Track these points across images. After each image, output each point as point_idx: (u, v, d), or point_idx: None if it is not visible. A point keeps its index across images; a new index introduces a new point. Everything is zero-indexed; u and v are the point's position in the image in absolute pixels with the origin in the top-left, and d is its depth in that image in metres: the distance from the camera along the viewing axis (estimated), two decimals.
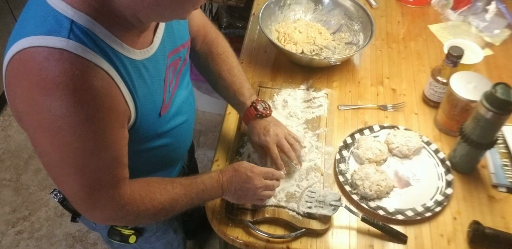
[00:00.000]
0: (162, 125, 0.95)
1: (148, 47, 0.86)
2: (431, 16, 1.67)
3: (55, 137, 0.74)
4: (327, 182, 1.13)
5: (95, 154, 0.78)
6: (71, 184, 0.81)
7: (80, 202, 0.84)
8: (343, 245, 1.04)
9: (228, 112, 1.30)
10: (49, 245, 2.02)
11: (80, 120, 0.73)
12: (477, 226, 1.04)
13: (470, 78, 1.20)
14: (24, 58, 0.71)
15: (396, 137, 1.21)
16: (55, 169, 0.81)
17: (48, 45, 0.70)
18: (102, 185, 0.82)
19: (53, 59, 0.70)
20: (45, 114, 0.72)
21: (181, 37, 0.98)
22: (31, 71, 0.71)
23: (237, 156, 1.18)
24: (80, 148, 0.76)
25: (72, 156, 0.76)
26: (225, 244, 1.12)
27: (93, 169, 0.79)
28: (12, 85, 0.76)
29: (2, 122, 2.48)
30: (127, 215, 0.87)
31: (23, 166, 2.30)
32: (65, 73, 0.70)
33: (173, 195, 0.92)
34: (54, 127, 0.73)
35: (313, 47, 1.47)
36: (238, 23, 2.48)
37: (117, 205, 0.85)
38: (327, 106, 1.31)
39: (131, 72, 0.80)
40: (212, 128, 2.45)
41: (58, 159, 0.78)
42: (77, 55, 0.71)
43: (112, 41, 0.76)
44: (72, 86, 0.70)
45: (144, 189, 0.89)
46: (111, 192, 0.83)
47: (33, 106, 0.73)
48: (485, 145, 1.11)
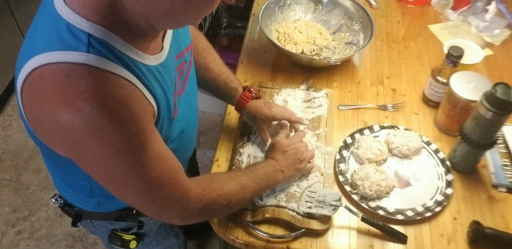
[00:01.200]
0: (173, 129, 0.95)
1: (160, 53, 0.85)
2: (431, 16, 1.67)
3: (100, 151, 0.73)
4: (327, 182, 1.13)
5: (144, 155, 0.77)
6: (133, 192, 0.81)
7: (150, 207, 0.84)
8: (343, 245, 1.04)
9: (228, 112, 1.30)
10: (49, 245, 2.02)
11: (118, 127, 0.72)
12: (477, 226, 1.04)
13: (470, 78, 1.20)
14: (44, 76, 0.70)
15: (396, 137, 1.21)
16: (111, 182, 0.80)
17: (68, 61, 0.69)
18: (164, 182, 0.81)
19: (76, 75, 0.68)
20: (81, 131, 0.71)
21: (185, 41, 0.98)
22: (55, 90, 0.69)
23: (237, 156, 1.18)
24: (129, 153, 0.75)
25: (123, 164, 0.76)
26: (225, 244, 1.12)
27: (148, 169, 0.78)
28: (33, 104, 0.74)
29: (2, 122, 2.48)
30: (202, 207, 0.88)
31: (23, 166, 2.30)
32: (91, 87, 0.69)
33: (241, 181, 0.95)
34: (94, 141, 0.72)
35: (313, 47, 1.47)
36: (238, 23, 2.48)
37: (187, 199, 0.85)
38: (327, 106, 1.31)
39: (149, 78, 0.80)
40: (212, 128, 2.45)
41: (111, 171, 0.77)
42: (98, 68, 0.70)
43: (128, 50, 0.76)
44: (101, 98, 0.69)
45: (209, 180, 0.91)
46: (175, 186, 0.83)
47: (65, 126, 0.71)
48: (485, 145, 1.12)
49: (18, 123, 2.47)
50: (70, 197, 1.06)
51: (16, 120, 2.49)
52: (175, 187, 0.83)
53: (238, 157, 1.18)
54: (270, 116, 1.17)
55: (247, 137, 1.22)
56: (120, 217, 1.07)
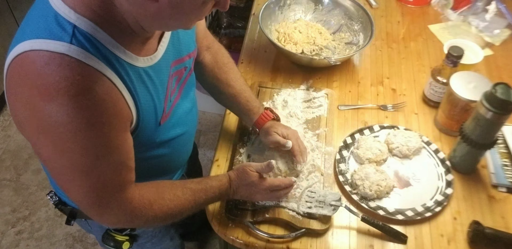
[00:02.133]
0: (160, 134, 0.95)
1: (152, 55, 0.85)
2: (431, 16, 1.67)
3: (58, 143, 0.74)
4: (327, 182, 1.13)
5: (99, 159, 0.77)
6: (77, 190, 0.80)
7: (88, 208, 0.84)
8: (343, 245, 1.04)
9: (228, 112, 1.30)
10: (49, 245, 2.02)
11: (82, 126, 0.72)
12: (477, 226, 1.04)
13: (470, 78, 1.20)
14: (25, 62, 0.71)
15: (396, 137, 1.21)
16: (60, 175, 0.80)
17: (49, 49, 0.69)
18: (109, 189, 0.81)
19: (54, 64, 0.69)
20: (47, 120, 0.71)
21: (187, 47, 0.98)
22: (32, 76, 0.70)
23: (237, 156, 1.18)
24: (84, 154, 0.75)
25: (76, 161, 0.76)
26: (225, 244, 1.12)
27: (99, 173, 0.78)
28: (12, 89, 0.75)
29: (2, 122, 2.48)
30: (136, 219, 0.87)
31: (23, 166, 2.30)
32: (66, 79, 0.69)
33: (183, 201, 0.92)
34: (56, 133, 0.72)
35: (313, 47, 1.47)
36: (238, 23, 2.48)
37: (126, 209, 0.84)
38: (327, 106, 1.31)
39: (133, 79, 0.80)
40: (212, 128, 2.45)
41: (62, 165, 0.77)
42: (78, 61, 0.70)
43: (115, 47, 0.76)
44: (73, 92, 0.69)
45: (154, 194, 0.89)
46: (118, 196, 0.83)
47: (34, 112, 0.72)
48: (485, 145, 1.11)
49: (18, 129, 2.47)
50: (65, 196, 1.06)
51: None
52: (119, 199, 0.83)
53: (238, 157, 1.18)
54: (285, 135, 1.12)
55: (247, 136, 1.22)
56: None
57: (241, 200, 1.06)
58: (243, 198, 1.03)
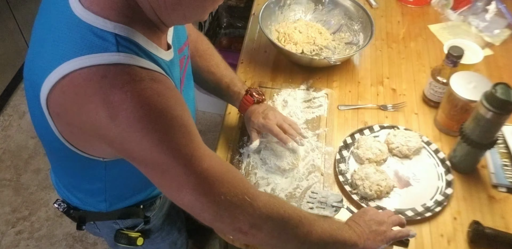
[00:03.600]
0: None
1: (170, 49, 0.86)
2: (431, 16, 1.67)
3: (145, 140, 0.71)
4: (327, 182, 1.13)
5: (188, 142, 0.75)
6: (186, 188, 0.76)
7: (208, 208, 0.77)
8: None
9: (228, 112, 1.30)
10: (49, 245, 2.02)
11: (157, 114, 0.71)
12: (477, 226, 1.04)
13: (470, 78, 1.20)
14: (78, 80, 0.69)
15: (396, 137, 1.21)
16: (163, 176, 0.76)
17: (100, 63, 0.68)
18: (218, 178, 0.77)
19: (111, 75, 0.68)
20: (125, 123, 0.70)
21: (183, 36, 0.99)
22: (93, 92, 0.69)
23: (237, 156, 1.18)
24: (173, 138, 0.73)
25: (170, 151, 0.73)
26: (225, 244, 1.11)
27: (198, 160, 0.76)
28: (68, 112, 0.73)
29: (2, 123, 2.48)
30: (270, 215, 0.80)
31: (23, 166, 2.30)
32: (128, 83, 0.69)
33: (310, 215, 0.88)
34: (139, 130, 0.70)
35: (313, 47, 1.47)
36: (238, 23, 2.48)
37: (252, 201, 0.79)
38: (327, 106, 1.31)
39: (167, 71, 0.81)
40: (212, 127, 2.45)
41: (159, 162, 0.74)
42: (131, 66, 0.70)
43: (150, 45, 0.77)
44: (139, 88, 0.69)
45: (271, 194, 0.86)
46: (235, 184, 0.78)
47: (108, 124, 0.70)
48: (485, 145, 1.11)
49: (18, 123, 2.47)
50: (75, 199, 1.05)
51: (16, 120, 2.49)
52: (234, 185, 0.78)
53: (238, 157, 1.18)
54: (261, 127, 1.15)
55: (247, 136, 1.22)
56: (124, 215, 1.07)
57: None
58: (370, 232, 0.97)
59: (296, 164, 1.15)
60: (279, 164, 1.13)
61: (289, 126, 1.15)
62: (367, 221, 0.98)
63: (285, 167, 1.13)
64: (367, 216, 0.99)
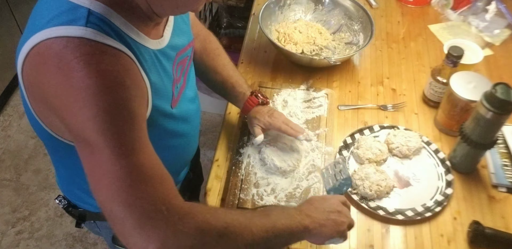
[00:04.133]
0: (172, 120, 0.94)
1: (160, 39, 0.86)
2: (431, 16, 1.67)
3: (85, 111, 0.68)
4: None
5: (127, 127, 0.70)
6: (108, 178, 0.67)
7: (118, 209, 0.66)
8: (343, 245, 1.04)
9: (228, 112, 1.30)
10: (49, 245, 2.02)
11: (106, 87, 0.68)
12: (477, 226, 1.04)
13: (470, 78, 1.20)
14: (41, 49, 0.70)
15: (396, 137, 1.21)
16: (93, 157, 0.69)
17: (66, 35, 0.69)
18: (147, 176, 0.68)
19: (72, 45, 0.68)
20: (68, 93, 0.68)
21: (188, 37, 0.99)
22: (51, 60, 0.69)
23: (237, 156, 1.18)
24: (111, 117, 0.68)
25: (101, 132, 0.68)
26: None
27: (130, 150, 0.69)
28: (33, 81, 0.74)
29: (2, 123, 2.48)
30: (189, 224, 0.67)
31: (23, 166, 2.30)
32: (86, 54, 0.68)
33: (244, 213, 0.78)
34: (81, 99, 0.68)
35: (313, 47, 1.47)
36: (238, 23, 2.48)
37: (172, 209, 0.67)
38: (327, 106, 1.31)
39: (147, 59, 0.80)
40: (212, 128, 2.45)
41: (89, 141, 0.69)
42: (96, 41, 0.70)
43: (129, 29, 0.76)
44: (95, 60, 0.68)
45: (201, 204, 0.75)
46: (159, 187, 0.68)
47: (56, 91, 0.70)
48: (485, 145, 1.11)
49: (18, 124, 2.47)
50: (75, 198, 1.06)
51: (16, 120, 2.49)
52: (159, 188, 0.68)
53: (238, 157, 1.18)
54: (268, 125, 1.15)
55: (247, 136, 1.22)
56: None
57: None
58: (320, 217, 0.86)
59: (296, 165, 1.15)
60: (279, 165, 1.13)
61: (295, 124, 1.16)
62: (326, 207, 0.88)
63: (285, 168, 1.13)
64: (326, 203, 0.89)
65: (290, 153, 1.16)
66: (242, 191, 1.10)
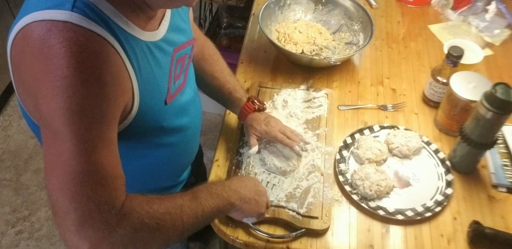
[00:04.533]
0: (167, 117, 0.92)
1: (154, 31, 0.85)
2: (431, 16, 1.67)
3: (56, 101, 0.68)
4: (327, 182, 1.13)
5: (95, 125, 0.70)
6: (60, 170, 0.68)
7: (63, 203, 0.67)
8: (343, 245, 1.04)
9: (228, 112, 1.30)
10: (49, 245, 2.02)
11: (82, 80, 0.68)
12: (477, 226, 1.04)
13: (470, 78, 1.20)
14: (27, 33, 0.70)
15: (396, 137, 1.21)
16: (50, 147, 0.71)
17: (51, 19, 0.68)
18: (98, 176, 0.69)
19: (56, 30, 0.68)
20: (45, 78, 0.68)
21: (187, 35, 0.98)
22: (34, 43, 0.69)
23: (237, 156, 1.18)
24: (77, 113, 0.68)
25: (70, 121, 0.68)
26: (225, 244, 1.11)
27: (91, 147, 0.69)
28: (16, 65, 0.74)
29: (2, 123, 2.48)
30: (124, 224, 0.70)
31: (23, 166, 2.30)
32: (69, 39, 0.68)
33: (177, 200, 0.80)
34: (55, 89, 0.68)
35: (313, 47, 1.47)
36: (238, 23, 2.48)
37: (111, 209, 0.69)
38: (327, 106, 1.31)
39: (136, 51, 0.79)
40: (212, 128, 2.45)
41: (55, 129, 0.70)
42: (80, 27, 0.69)
43: (118, 17, 0.75)
44: (76, 48, 0.68)
45: (138, 195, 0.76)
46: (107, 188, 0.70)
47: (34, 75, 0.69)
48: (485, 145, 1.11)
49: (18, 124, 2.47)
50: None
51: (16, 120, 2.49)
52: (106, 187, 0.70)
53: (238, 157, 1.18)
54: (264, 133, 1.15)
55: (244, 130, 1.22)
56: None
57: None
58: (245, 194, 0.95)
59: (296, 165, 1.15)
60: (279, 165, 1.13)
61: (291, 133, 1.16)
62: (252, 187, 0.98)
63: (285, 168, 1.13)
64: (252, 181, 1.00)
65: (290, 153, 1.16)
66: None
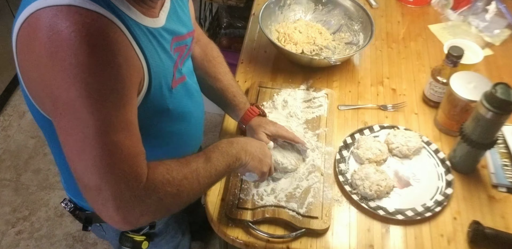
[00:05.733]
0: (173, 100, 0.92)
1: (155, 18, 0.84)
2: (431, 16, 1.67)
3: (73, 89, 0.68)
4: (327, 182, 1.13)
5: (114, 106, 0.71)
6: (86, 155, 0.70)
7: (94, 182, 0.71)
8: (343, 245, 1.04)
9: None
10: (49, 245, 2.02)
11: (98, 65, 0.68)
12: (477, 226, 1.04)
13: (470, 78, 1.20)
14: (32, 21, 0.69)
15: (396, 137, 1.21)
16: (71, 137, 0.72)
17: (54, 4, 0.68)
18: (122, 155, 0.72)
19: (62, 14, 0.67)
20: (59, 66, 0.68)
21: (187, 26, 0.98)
22: (41, 30, 0.68)
23: None
24: (100, 96, 0.69)
25: (89, 107, 0.69)
26: (225, 244, 1.12)
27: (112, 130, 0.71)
28: (24, 55, 0.73)
29: (2, 123, 2.48)
30: (150, 195, 0.74)
31: (23, 166, 2.30)
32: (76, 23, 0.67)
33: (192, 164, 0.84)
34: (70, 78, 0.67)
35: (313, 47, 1.47)
36: (238, 23, 2.48)
37: (138, 184, 0.73)
38: (327, 106, 1.31)
39: (140, 35, 0.78)
40: (212, 128, 2.45)
41: (74, 118, 0.70)
42: (86, 9, 0.69)
43: (121, 3, 0.75)
44: (85, 32, 0.67)
45: (157, 164, 0.79)
46: (132, 165, 0.73)
47: (46, 63, 0.69)
48: (485, 145, 1.11)
49: (18, 124, 2.47)
50: (81, 199, 1.04)
51: (16, 120, 2.49)
52: (131, 165, 0.73)
53: None
54: (274, 132, 1.15)
55: (248, 133, 1.22)
56: None
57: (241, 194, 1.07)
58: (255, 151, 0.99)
59: (298, 165, 1.15)
60: (281, 161, 1.12)
61: (294, 134, 1.17)
62: (259, 147, 1.00)
63: (286, 165, 1.13)
64: (260, 144, 1.02)
65: (293, 154, 1.16)
66: (242, 191, 1.10)
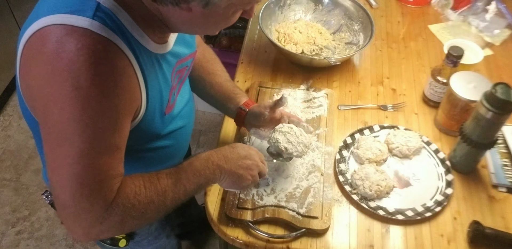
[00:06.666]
0: (164, 125, 0.94)
1: (164, 44, 0.86)
2: (431, 16, 1.67)
3: (68, 111, 0.70)
4: (327, 182, 1.13)
5: (102, 134, 0.73)
6: (66, 171, 0.73)
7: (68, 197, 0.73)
8: (343, 245, 1.04)
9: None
10: (49, 245, 2.02)
11: (97, 93, 0.70)
12: (477, 226, 1.04)
13: (470, 78, 1.20)
14: (44, 34, 0.70)
15: (396, 137, 1.21)
16: (56, 151, 0.74)
17: (71, 24, 0.69)
18: (98, 177, 0.74)
19: (76, 35, 0.69)
20: (61, 84, 0.69)
21: (190, 48, 0.99)
22: (51, 46, 0.69)
23: None
24: (92, 124, 0.71)
25: (80, 132, 0.71)
26: (225, 244, 1.12)
27: (96, 153, 0.73)
28: (28, 63, 0.74)
29: (2, 123, 2.48)
30: (113, 217, 0.77)
31: (23, 166, 2.30)
32: (88, 47, 0.68)
33: (161, 186, 0.83)
34: (68, 99, 0.69)
35: (313, 47, 1.47)
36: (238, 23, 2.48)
37: (106, 203, 0.75)
38: (327, 106, 1.31)
39: (146, 62, 0.80)
40: (212, 128, 2.45)
41: (63, 138, 0.72)
42: (99, 35, 0.70)
43: (135, 29, 0.76)
44: (94, 59, 0.69)
45: (127, 185, 0.80)
46: (104, 185, 0.75)
47: (48, 78, 0.70)
48: (485, 145, 1.11)
49: (18, 124, 2.47)
50: None
51: (16, 120, 2.49)
52: (102, 187, 0.75)
53: None
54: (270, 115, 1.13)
55: (247, 136, 1.22)
56: None
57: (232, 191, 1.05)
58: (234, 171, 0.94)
59: (304, 152, 1.10)
60: (286, 146, 1.08)
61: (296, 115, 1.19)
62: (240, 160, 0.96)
63: (291, 151, 1.08)
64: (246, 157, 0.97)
65: (298, 141, 1.10)
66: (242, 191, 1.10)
